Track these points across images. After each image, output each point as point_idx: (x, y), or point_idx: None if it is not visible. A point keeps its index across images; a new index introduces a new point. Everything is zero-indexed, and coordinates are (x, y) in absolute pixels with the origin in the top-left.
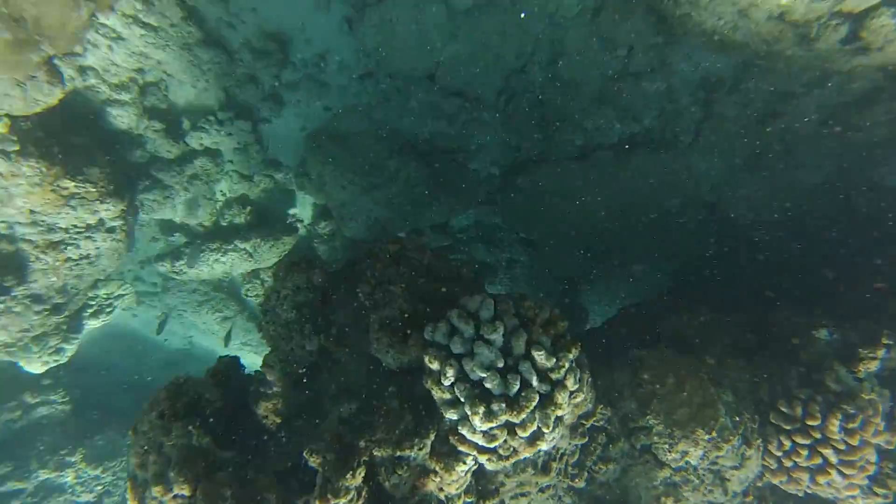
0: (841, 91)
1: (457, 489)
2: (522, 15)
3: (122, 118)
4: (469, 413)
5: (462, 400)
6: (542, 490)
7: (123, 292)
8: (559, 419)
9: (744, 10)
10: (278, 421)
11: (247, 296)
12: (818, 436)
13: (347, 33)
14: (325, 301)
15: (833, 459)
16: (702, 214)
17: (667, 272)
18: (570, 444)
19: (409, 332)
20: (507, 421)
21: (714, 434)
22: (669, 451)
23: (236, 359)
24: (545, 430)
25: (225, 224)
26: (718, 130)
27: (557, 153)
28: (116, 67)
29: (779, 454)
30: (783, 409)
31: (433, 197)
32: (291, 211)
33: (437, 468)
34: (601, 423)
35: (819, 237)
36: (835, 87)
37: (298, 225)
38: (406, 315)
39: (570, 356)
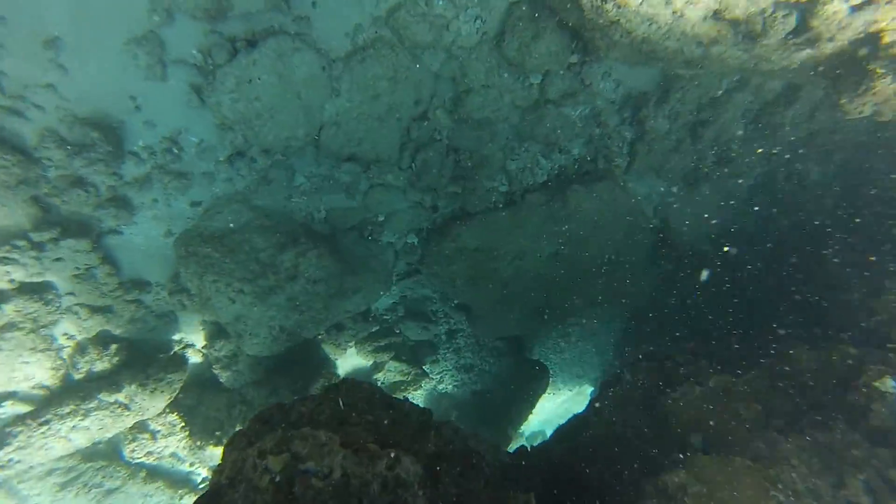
0: (759, 92)
1: None
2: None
3: None
4: None
5: None
6: None
7: None
8: None
9: (678, 11)
10: None
11: (133, 459)
12: None
13: (199, 105)
14: None
15: None
16: (649, 241)
17: (622, 312)
18: None
19: None
20: None
21: None
22: None
23: None
24: None
25: (80, 376)
26: (652, 149)
27: (481, 204)
28: None
29: None
30: None
31: (345, 285)
32: (176, 336)
33: None
34: None
35: (762, 242)
36: (753, 89)
37: (188, 353)
38: None
39: None
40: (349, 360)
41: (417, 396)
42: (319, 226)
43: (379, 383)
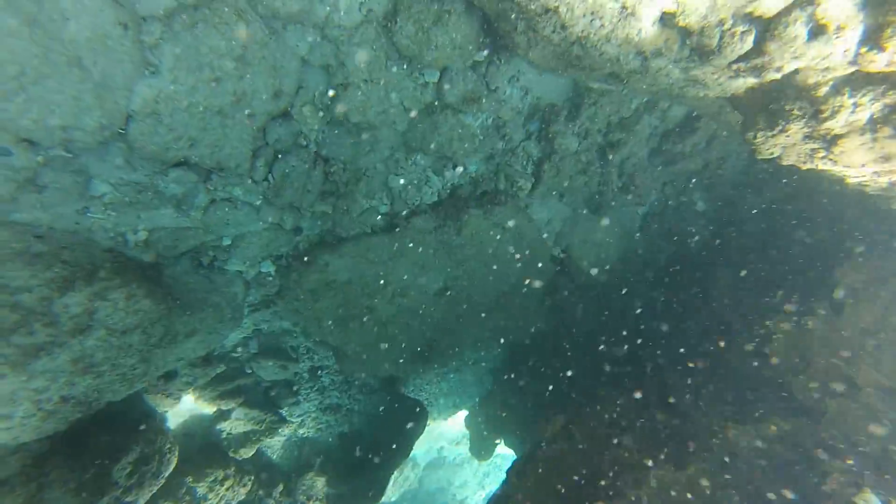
0: (665, 117)
1: None
2: None
3: None
4: None
5: None
6: None
7: None
8: None
9: (629, 7)
10: None
11: None
12: None
13: None
14: None
15: None
16: (549, 272)
17: (504, 351)
18: None
19: None
20: None
21: None
22: None
23: None
24: None
25: None
26: (560, 170)
27: (356, 228)
28: None
29: None
30: None
31: (174, 329)
32: None
33: None
34: None
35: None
36: (660, 113)
37: None
38: None
39: None
40: (185, 408)
41: (274, 445)
42: (138, 251)
43: (224, 435)
